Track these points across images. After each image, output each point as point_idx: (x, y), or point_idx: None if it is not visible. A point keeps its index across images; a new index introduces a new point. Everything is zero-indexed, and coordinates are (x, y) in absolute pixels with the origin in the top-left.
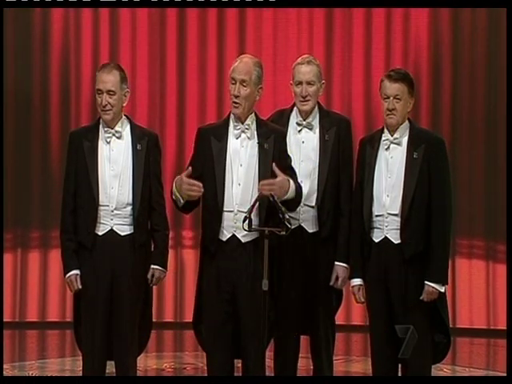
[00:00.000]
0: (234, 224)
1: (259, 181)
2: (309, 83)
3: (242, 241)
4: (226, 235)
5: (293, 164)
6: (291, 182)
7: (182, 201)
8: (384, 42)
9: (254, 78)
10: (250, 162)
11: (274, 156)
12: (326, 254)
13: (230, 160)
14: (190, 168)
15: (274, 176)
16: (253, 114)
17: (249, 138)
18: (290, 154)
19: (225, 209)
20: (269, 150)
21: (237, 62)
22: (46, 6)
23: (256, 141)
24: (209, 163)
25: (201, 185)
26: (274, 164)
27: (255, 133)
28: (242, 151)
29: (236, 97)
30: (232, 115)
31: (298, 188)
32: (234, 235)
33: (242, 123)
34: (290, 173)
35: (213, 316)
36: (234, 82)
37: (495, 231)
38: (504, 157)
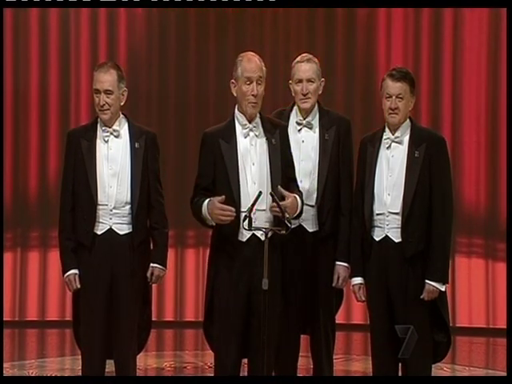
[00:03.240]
0: (253, 223)
1: (271, 178)
2: (309, 81)
3: (262, 239)
4: (245, 235)
5: None
6: (298, 199)
7: (212, 223)
8: (384, 41)
9: (265, 73)
10: (262, 159)
11: (281, 150)
12: (326, 253)
13: (242, 160)
14: (223, 196)
15: (281, 196)
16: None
17: (257, 135)
18: None
19: (242, 209)
20: (276, 144)
21: (244, 61)
22: (45, 6)
23: (264, 138)
24: (221, 166)
25: (233, 209)
26: (279, 186)
27: (262, 130)
28: (252, 150)
29: (255, 96)
30: (240, 115)
31: (302, 203)
32: (253, 234)
33: (250, 122)
34: (292, 170)
35: (228, 316)
36: (249, 82)
37: (495, 229)
38: (504, 155)
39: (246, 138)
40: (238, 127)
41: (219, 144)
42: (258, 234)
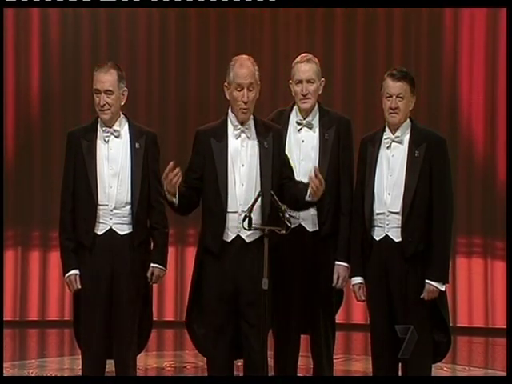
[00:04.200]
0: (239, 224)
1: (261, 180)
2: (309, 81)
3: (247, 241)
4: (230, 236)
5: (292, 163)
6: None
7: (174, 199)
8: (384, 41)
9: (257, 78)
10: (252, 161)
11: (273, 154)
12: (326, 253)
13: (232, 160)
14: (171, 163)
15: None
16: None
17: (248, 137)
18: (290, 153)
19: (229, 210)
20: (268, 148)
21: (236, 66)
22: (45, 6)
23: (256, 140)
24: (210, 165)
25: (174, 169)
26: (315, 166)
27: (254, 132)
28: (242, 151)
29: (245, 103)
30: (232, 117)
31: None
32: (238, 236)
33: (243, 124)
34: (290, 170)
35: (215, 317)
36: (240, 88)
37: (493, 228)
38: (503, 155)
39: (237, 138)
40: (230, 128)
41: (210, 143)
42: (243, 235)
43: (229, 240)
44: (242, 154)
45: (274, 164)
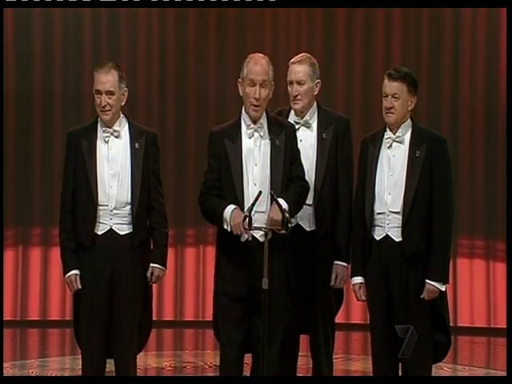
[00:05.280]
0: (253, 224)
1: (271, 179)
2: (299, 82)
3: (261, 240)
4: (244, 236)
5: None
6: (281, 203)
7: (225, 226)
8: (384, 41)
9: (271, 76)
10: (264, 160)
11: (285, 152)
12: (324, 253)
13: (245, 160)
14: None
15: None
16: (264, 112)
17: (261, 136)
18: None
19: (244, 210)
20: (280, 146)
21: (251, 62)
22: (46, 6)
23: (268, 139)
24: (225, 165)
25: (243, 233)
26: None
27: (267, 130)
28: (255, 150)
29: (257, 100)
30: (245, 116)
31: (294, 201)
32: (252, 236)
33: (255, 123)
34: (300, 169)
35: (229, 315)
36: (252, 84)
37: (495, 230)
38: (504, 156)
39: (250, 138)
40: (244, 127)
41: (224, 143)
42: (257, 235)
43: (243, 240)
44: (255, 154)
45: (286, 162)
